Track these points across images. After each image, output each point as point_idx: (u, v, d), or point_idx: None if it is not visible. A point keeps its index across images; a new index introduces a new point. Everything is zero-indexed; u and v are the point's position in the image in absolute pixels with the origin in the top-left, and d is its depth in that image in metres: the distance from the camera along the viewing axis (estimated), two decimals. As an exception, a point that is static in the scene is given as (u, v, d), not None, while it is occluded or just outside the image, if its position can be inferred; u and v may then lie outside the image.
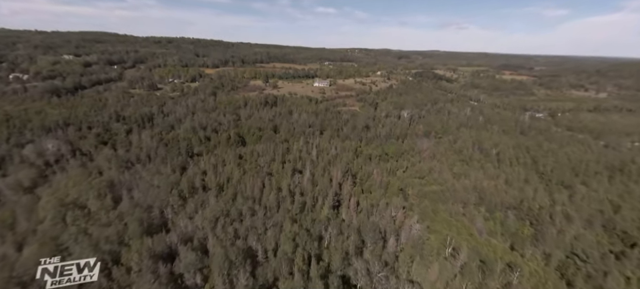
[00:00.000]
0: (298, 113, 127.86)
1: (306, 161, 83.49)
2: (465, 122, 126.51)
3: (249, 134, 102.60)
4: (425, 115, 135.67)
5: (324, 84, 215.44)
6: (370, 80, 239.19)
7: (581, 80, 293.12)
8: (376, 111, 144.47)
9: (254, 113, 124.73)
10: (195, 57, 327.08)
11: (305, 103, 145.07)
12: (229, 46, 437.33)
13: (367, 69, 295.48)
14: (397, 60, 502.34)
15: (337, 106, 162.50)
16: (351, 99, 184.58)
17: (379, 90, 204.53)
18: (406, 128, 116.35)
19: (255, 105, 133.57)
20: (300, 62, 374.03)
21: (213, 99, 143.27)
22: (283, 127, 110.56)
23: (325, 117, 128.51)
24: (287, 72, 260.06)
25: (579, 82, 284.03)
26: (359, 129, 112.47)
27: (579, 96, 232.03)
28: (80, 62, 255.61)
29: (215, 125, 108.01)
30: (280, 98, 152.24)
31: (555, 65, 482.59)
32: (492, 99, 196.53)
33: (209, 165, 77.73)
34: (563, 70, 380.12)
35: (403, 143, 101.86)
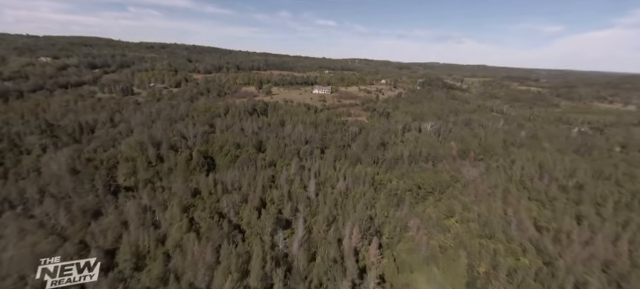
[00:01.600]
0: (292, 124, 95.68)
1: (299, 201, 50.84)
2: (507, 138, 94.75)
3: (221, 154, 70.09)
4: (452, 128, 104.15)
5: (324, 91, 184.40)
6: (375, 88, 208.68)
7: (597, 92, 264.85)
8: (389, 122, 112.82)
9: (235, 124, 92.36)
10: (187, 62, 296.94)
11: (301, 112, 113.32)
12: (225, 53, 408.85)
13: (370, 77, 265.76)
14: (398, 71, 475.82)
15: (341, 115, 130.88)
16: (357, 108, 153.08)
17: (387, 99, 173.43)
18: (435, 145, 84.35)
19: (238, 113, 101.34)
20: (299, 70, 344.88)
21: (188, 105, 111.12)
22: (270, 144, 78.16)
23: (326, 130, 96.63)
24: (284, 79, 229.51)
25: (598, 94, 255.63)
26: (372, 147, 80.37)
27: (607, 109, 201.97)
28: (57, 65, 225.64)
29: (175, 140, 75.51)
30: (271, 105, 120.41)
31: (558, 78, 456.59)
32: (516, 110, 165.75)
33: (136, 210, 44.84)
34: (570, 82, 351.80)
35: (437, 168, 69.70)
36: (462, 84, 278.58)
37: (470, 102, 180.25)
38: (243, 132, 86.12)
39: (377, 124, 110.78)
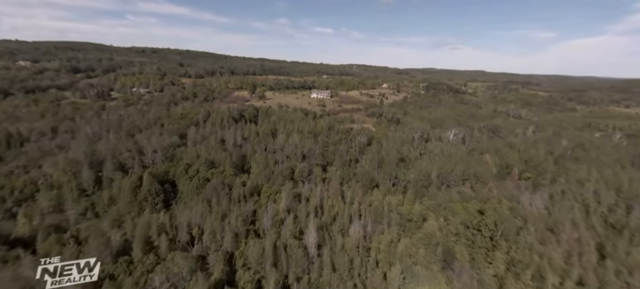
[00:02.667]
0: (285, 134, 75.59)
1: (291, 263, 30.73)
2: (550, 150, 75.36)
3: (185, 177, 49.85)
4: (479, 137, 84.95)
5: (324, 95, 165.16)
6: (378, 93, 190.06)
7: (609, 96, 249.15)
8: (402, 130, 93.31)
9: (214, 133, 72.18)
10: (178, 67, 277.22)
11: (298, 118, 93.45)
12: (220, 58, 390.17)
13: (372, 81, 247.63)
14: (397, 76, 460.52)
15: (343, 122, 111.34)
16: (360, 113, 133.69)
17: (392, 103, 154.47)
18: (467, 160, 64.69)
19: (220, 121, 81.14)
20: (296, 75, 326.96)
21: (162, 111, 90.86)
22: (255, 160, 58.05)
23: (328, 140, 76.85)
24: (280, 83, 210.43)
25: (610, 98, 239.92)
26: (389, 163, 60.53)
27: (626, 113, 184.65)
28: (36, 69, 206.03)
29: (127, 157, 55.26)
30: (263, 111, 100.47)
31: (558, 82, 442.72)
32: (536, 115, 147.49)
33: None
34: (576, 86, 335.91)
35: (483, 194, 49.87)
36: (466, 88, 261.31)
37: (482, 106, 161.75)
38: (222, 144, 65.87)
39: (388, 133, 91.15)
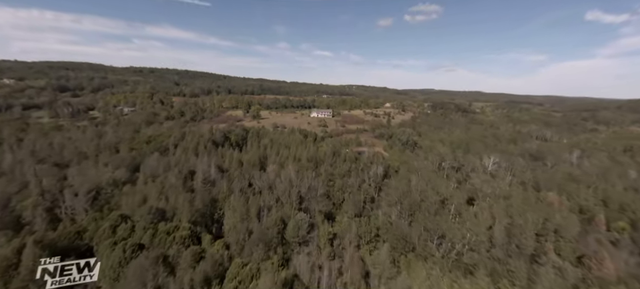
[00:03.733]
0: (278, 163, 56.39)
1: None
2: (633, 186, 56.15)
3: (109, 241, 30.47)
4: (523, 165, 66.02)
5: (325, 114, 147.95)
6: (382, 112, 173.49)
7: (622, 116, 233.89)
8: (422, 156, 74.42)
9: (181, 165, 53.04)
10: (173, 86, 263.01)
11: (295, 142, 74.70)
12: (219, 78, 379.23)
13: (374, 101, 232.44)
14: (397, 96, 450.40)
15: (349, 145, 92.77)
16: (367, 135, 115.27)
17: (401, 123, 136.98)
18: (531, 203, 45.21)
19: (195, 146, 62.21)
20: (296, 94, 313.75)
21: (126, 133, 72.04)
22: (230, 208, 38.72)
23: (333, 170, 57.86)
24: (278, 102, 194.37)
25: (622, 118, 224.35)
26: (425, 208, 41.13)
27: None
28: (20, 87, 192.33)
29: (32, 203, 35.81)
30: (254, 132, 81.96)
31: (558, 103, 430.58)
32: (563, 136, 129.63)
33: None
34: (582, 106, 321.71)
35: (579, 268, 30.25)
36: (471, 108, 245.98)
37: (500, 127, 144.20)
38: (188, 181, 46.40)
39: (406, 159, 72.06)
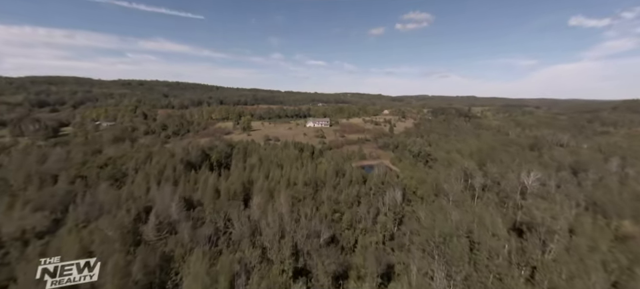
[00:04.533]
0: (267, 191, 42.98)
1: None
2: None
3: None
4: (568, 179, 53.82)
5: (322, 124, 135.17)
6: (383, 119, 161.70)
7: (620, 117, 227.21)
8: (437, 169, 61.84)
9: (133, 198, 39.39)
10: (162, 98, 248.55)
11: (289, 159, 61.44)
12: (212, 89, 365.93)
13: (372, 108, 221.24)
14: (393, 103, 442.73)
15: (352, 158, 79.73)
16: (370, 145, 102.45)
17: (405, 132, 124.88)
18: (610, 236, 32.78)
19: (160, 171, 48.52)
20: (291, 104, 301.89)
21: (79, 155, 57.81)
22: (190, 280, 25.22)
23: (338, 196, 44.79)
24: (271, 112, 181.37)
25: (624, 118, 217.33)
26: (471, 251, 28.30)
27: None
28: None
29: None
30: (240, 148, 68.49)
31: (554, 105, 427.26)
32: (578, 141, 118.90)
33: None
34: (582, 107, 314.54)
35: None
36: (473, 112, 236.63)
37: (508, 132, 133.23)
38: (136, 224, 32.54)
39: (421, 175, 59.18)
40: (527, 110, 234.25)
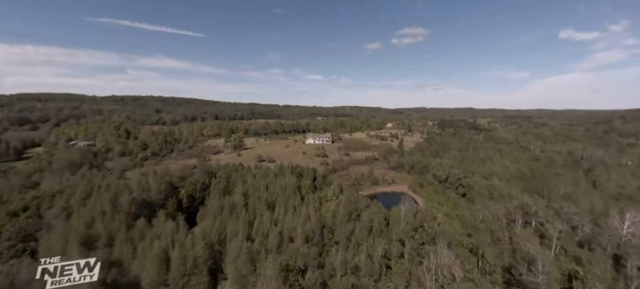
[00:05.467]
0: (245, 260, 27.31)
1: None
2: None
3: None
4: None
5: (323, 140, 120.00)
6: (388, 133, 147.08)
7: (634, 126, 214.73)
8: (476, 198, 46.63)
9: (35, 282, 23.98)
10: (154, 114, 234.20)
11: (284, 192, 46.08)
12: (208, 103, 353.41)
13: (376, 121, 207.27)
14: (392, 115, 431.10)
15: (361, 183, 64.20)
16: (380, 166, 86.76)
17: (419, 148, 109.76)
18: None
19: (86, 222, 33.09)
20: (289, 117, 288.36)
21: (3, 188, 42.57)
22: None
23: (356, 246, 29.24)
24: (268, 127, 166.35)
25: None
26: None
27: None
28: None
29: None
30: (222, 177, 53.16)
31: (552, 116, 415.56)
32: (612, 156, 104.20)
33: None
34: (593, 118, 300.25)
35: None
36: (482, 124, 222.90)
37: (529, 146, 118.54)
38: None
39: (463, 213, 43.69)
40: (540, 121, 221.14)
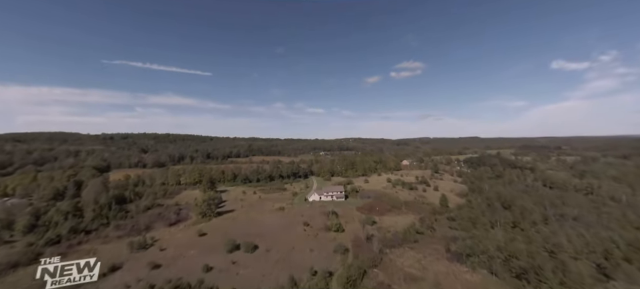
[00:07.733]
0: None
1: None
2: None
3: None
4: None
5: (333, 195, 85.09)
6: (414, 178, 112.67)
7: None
8: None
9: None
10: (138, 154, 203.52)
11: None
12: (205, 139, 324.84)
13: (393, 160, 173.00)
14: (397, 147, 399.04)
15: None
16: (432, 248, 51.31)
17: (465, 206, 74.71)
18: None
19: None
20: (289, 153, 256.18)
21: None
22: None
23: None
24: (261, 171, 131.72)
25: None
26: None
27: None
28: None
29: None
30: None
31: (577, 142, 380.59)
32: None
33: None
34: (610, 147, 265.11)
35: None
36: (521, 161, 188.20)
37: (593, 191, 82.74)
38: None
39: None
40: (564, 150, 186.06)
